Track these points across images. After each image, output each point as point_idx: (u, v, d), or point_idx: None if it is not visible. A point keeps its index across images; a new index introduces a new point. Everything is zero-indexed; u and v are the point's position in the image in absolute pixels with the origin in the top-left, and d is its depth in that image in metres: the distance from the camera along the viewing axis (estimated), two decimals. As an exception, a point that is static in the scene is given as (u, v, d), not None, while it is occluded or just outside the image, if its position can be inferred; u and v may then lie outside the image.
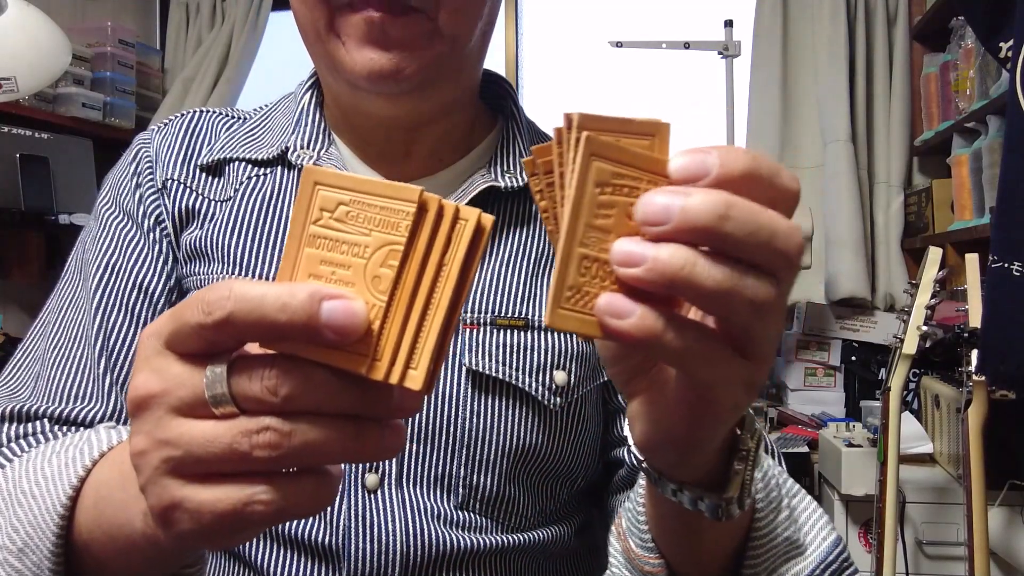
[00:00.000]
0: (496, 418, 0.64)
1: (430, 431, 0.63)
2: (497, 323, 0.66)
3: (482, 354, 0.64)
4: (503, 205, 0.69)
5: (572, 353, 0.67)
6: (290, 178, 0.69)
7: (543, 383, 0.65)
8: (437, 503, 0.64)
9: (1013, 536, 1.69)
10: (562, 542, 0.70)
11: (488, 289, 0.66)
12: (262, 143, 0.71)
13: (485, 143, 0.73)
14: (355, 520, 0.62)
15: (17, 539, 0.46)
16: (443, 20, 0.61)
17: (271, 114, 0.74)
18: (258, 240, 0.67)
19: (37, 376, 0.66)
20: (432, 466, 0.64)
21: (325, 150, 0.68)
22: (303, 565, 0.63)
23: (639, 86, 2.91)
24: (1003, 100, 1.53)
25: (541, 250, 0.69)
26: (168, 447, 0.34)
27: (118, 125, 2.66)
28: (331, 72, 0.65)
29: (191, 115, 0.74)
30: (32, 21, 1.97)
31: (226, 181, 0.70)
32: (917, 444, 1.91)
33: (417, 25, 0.60)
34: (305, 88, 0.73)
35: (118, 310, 0.66)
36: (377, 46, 0.60)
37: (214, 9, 3.00)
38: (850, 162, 2.48)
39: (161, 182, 0.70)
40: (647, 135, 0.35)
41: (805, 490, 0.55)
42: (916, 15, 2.55)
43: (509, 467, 0.65)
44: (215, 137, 0.72)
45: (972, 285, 1.49)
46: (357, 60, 0.61)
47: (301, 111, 0.71)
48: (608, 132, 0.34)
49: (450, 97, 0.68)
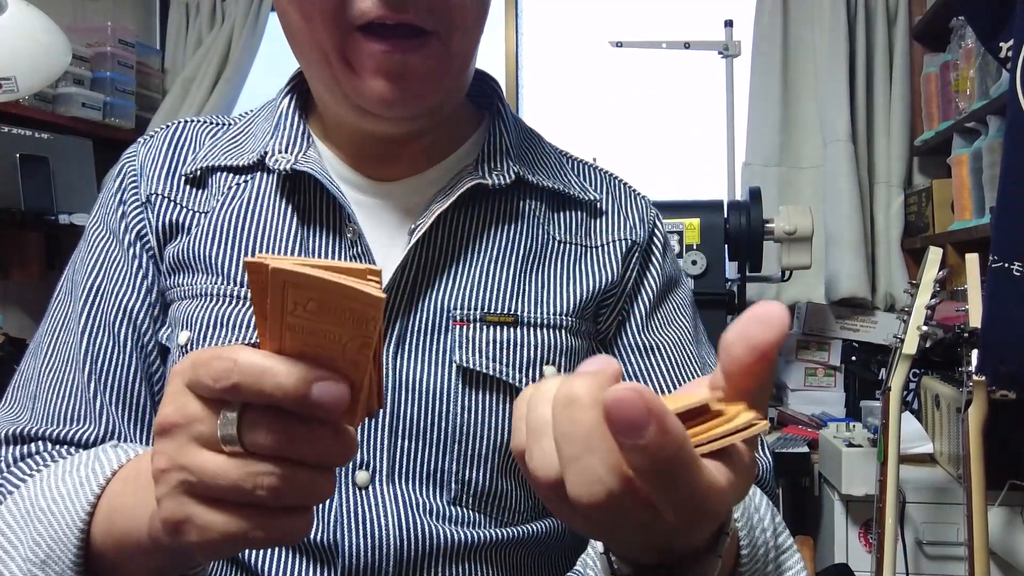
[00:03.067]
0: (487, 413, 0.65)
1: (421, 427, 0.64)
2: (487, 320, 0.66)
3: (472, 351, 0.65)
4: (490, 202, 0.70)
5: (561, 348, 0.67)
6: (269, 183, 0.69)
7: (533, 378, 0.66)
8: (429, 499, 0.64)
9: (1013, 536, 1.69)
10: (556, 534, 0.70)
11: (477, 286, 0.66)
12: (243, 149, 0.71)
13: (471, 141, 0.73)
14: (347, 517, 0.62)
15: (40, 552, 0.52)
16: (455, 42, 0.61)
17: (254, 119, 0.74)
18: (239, 248, 0.67)
19: (34, 398, 0.67)
20: (424, 462, 0.64)
21: (303, 153, 0.68)
22: (297, 563, 0.63)
23: (639, 86, 2.91)
24: (1003, 100, 1.53)
25: (529, 247, 0.69)
26: (185, 471, 0.39)
27: (118, 125, 2.66)
28: (330, 92, 0.65)
29: (176, 126, 0.74)
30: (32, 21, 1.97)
31: (209, 192, 0.70)
32: (917, 444, 1.91)
33: (435, 53, 0.60)
34: (284, 92, 0.73)
35: (103, 333, 0.68)
36: (394, 78, 0.60)
37: (214, 9, 3.00)
38: (850, 162, 2.48)
39: (145, 196, 0.70)
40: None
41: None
42: (916, 15, 2.55)
43: (501, 461, 0.65)
44: (199, 146, 0.72)
45: (972, 285, 1.49)
46: (374, 90, 0.60)
47: (280, 115, 0.71)
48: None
49: (453, 107, 0.69)
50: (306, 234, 0.67)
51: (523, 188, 0.71)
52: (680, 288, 0.78)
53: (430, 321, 0.65)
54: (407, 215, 0.68)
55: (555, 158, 0.76)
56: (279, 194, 0.68)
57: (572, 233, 0.72)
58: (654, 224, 0.76)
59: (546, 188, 0.72)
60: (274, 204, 0.68)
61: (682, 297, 0.77)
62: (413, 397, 0.64)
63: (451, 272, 0.66)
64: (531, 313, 0.67)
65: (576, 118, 2.97)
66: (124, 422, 0.66)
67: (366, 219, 0.67)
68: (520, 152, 0.73)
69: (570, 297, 0.69)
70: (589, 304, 0.70)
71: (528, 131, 0.77)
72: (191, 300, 0.67)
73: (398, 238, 0.67)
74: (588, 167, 0.78)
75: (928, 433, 1.96)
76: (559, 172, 0.75)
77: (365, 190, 0.69)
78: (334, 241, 0.66)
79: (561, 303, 0.68)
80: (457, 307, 0.65)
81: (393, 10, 0.57)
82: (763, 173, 2.59)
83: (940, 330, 1.57)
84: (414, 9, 0.58)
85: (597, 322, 0.72)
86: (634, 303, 0.73)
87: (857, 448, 1.84)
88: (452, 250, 0.67)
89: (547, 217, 0.71)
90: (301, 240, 0.66)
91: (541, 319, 0.67)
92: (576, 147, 0.82)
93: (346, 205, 0.65)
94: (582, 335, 0.70)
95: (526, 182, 0.71)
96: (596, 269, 0.71)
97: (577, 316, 0.69)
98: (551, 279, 0.69)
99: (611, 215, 0.74)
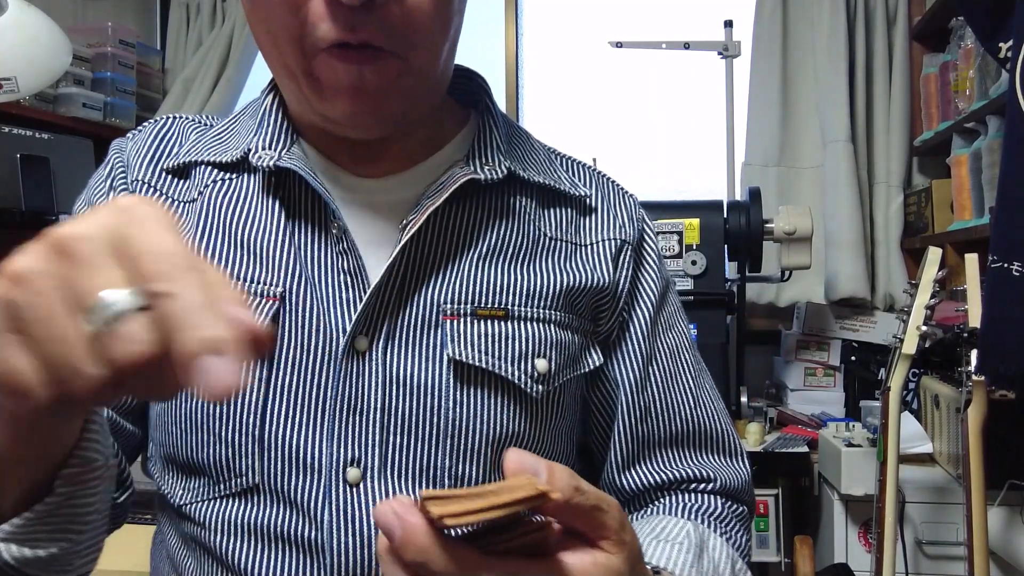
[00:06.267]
0: (479, 407, 0.65)
1: (414, 422, 0.64)
2: (477, 313, 0.66)
3: (464, 344, 0.65)
4: (483, 197, 0.70)
5: (552, 341, 0.68)
6: (255, 179, 0.69)
7: (525, 371, 0.66)
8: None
9: (1013, 536, 1.69)
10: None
11: (467, 281, 0.67)
12: (228, 147, 0.71)
13: (459, 138, 0.73)
14: (337, 514, 0.62)
15: None
16: (413, 59, 0.61)
17: (239, 118, 0.75)
18: (228, 241, 0.67)
19: None
20: (416, 457, 0.64)
21: (287, 150, 0.68)
22: (286, 562, 0.62)
23: (639, 86, 2.91)
24: (1003, 100, 1.54)
25: (520, 243, 0.70)
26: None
27: (118, 125, 2.66)
28: (301, 106, 0.67)
29: (163, 121, 0.75)
30: (32, 21, 1.97)
31: (191, 183, 0.71)
32: (917, 444, 1.91)
33: (392, 69, 0.60)
34: (268, 90, 0.73)
35: None
36: (353, 92, 0.60)
37: (214, 9, 3.00)
38: (850, 162, 2.48)
39: (130, 184, 0.71)
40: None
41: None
42: (916, 15, 2.55)
43: (494, 456, 0.65)
44: (184, 141, 0.73)
45: (972, 285, 1.49)
46: (337, 107, 0.62)
47: (264, 112, 0.71)
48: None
49: (423, 114, 0.69)
50: (294, 228, 0.67)
51: (514, 184, 0.71)
52: (672, 290, 0.79)
53: (420, 316, 0.65)
54: (394, 210, 0.68)
55: (544, 154, 0.77)
56: (265, 191, 0.68)
57: (562, 230, 0.72)
58: (643, 223, 0.77)
59: (536, 184, 0.72)
60: (261, 200, 0.68)
61: (675, 299, 0.79)
62: (404, 392, 0.64)
63: (442, 267, 0.67)
64: (521, 307, 0.67)
65: (576, 118, 2.97)
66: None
67: (352, 215, 0.68)
68: (510, 148, 0.73)
69: (560, 292, 0.69)
70: (579, 299, 0.70)
71: (516, 128, 0.78)
72: None
73: (386, 233, 0.67)
74: (576, 164, 0.79)
75: (928, 433, 1.96)
76: (549, 168, 0.75)
77: (350, 186, 0.69)
78: (321, 236, 0.66)
79: (551, 298, 0.69)
80: (447, 301, 0.66)
81: (348, 31, 0.58)
82: (763, 173, 2.59)
83: (939, 330, 1.58)
84: (368, 30, 0.58)
85: (597, 324, 0.73)
86: (634, 308, 0.74)
87: (857, 448, 1.84)
88: (443, 246, 0.67)
89: (537, 213, 0.72)
90: (290, 235, 0.66)
91: (531, 313, 0.67)
92: (576, 147, 0.82)
93: (330, 201, 0.65)
94: (573, 329, 0.70)
95: (517, 178, 0.71)
96: (586, 268, 0.71)
97: (567, 311, 0.69)
98: (541, 274, 0.69)
99: (600, 212, 0.75)
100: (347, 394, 0.63)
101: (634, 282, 0.74)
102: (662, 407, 0.74)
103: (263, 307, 0.64)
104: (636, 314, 0.74)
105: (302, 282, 0.65)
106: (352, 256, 0.65)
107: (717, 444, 0.76)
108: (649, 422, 0.74)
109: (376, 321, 0.64)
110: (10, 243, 0.43)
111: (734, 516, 0.74)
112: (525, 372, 0.66)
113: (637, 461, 0.74)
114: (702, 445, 0.76)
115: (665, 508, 0.73)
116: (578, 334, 0.71)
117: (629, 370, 0.73)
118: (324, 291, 0.65)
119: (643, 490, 0.75)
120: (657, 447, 0.74)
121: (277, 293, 0.64)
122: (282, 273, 0.65)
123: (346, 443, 0.62)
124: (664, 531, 0.65)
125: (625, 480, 0.75)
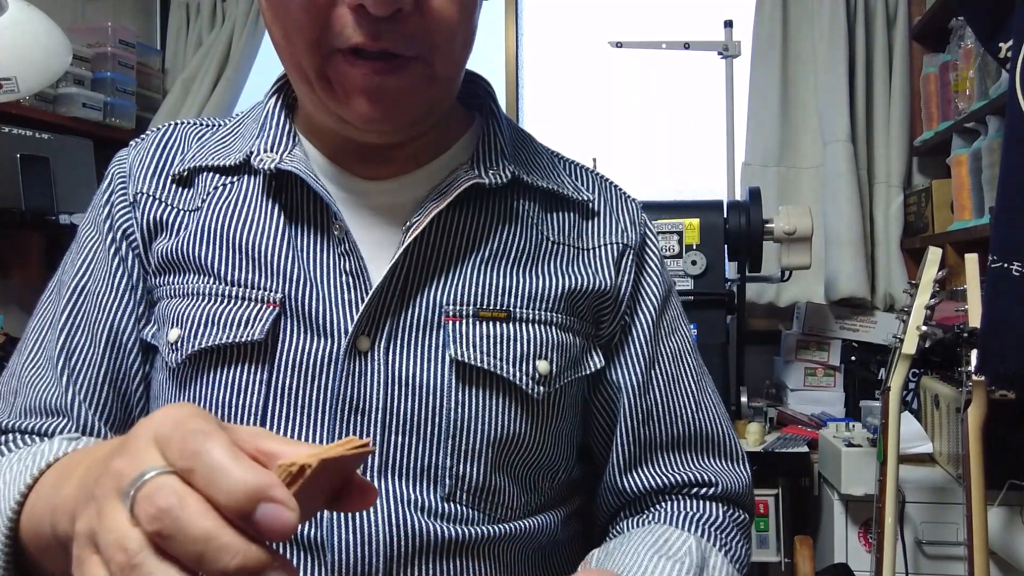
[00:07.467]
0: (481, 408, 0.65)
1: (416, 423, 0.64)
2: (479, 315, 0.66)
3: (466, 345, 0.65)
4: (486, 201, 0.70)
5: (553, 343, 0.68)
6: (256, 183, 0.69)
7: (526, 372, 0.66)
8: (422, 495, 0.64)
9: (1013, 536, 1.69)
10: (549, 531, 0.71)
11: (471, 283, 0.67)
12: (231, 150, 0.71)
13: (463, 141, 0.74)
14: (338, 513, 0.62)
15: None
16: (438, 65, 0.62)
17: (243, 120, 0.75)
18: (229, 247, 0.67)
19: (15, 393, 0.69)
20: (418, 458, 0.64)
21: (288, 153, 0.68)
22: None
23: (639, 86, 2.91)
24: (1003, 100, 1.54)
25: (522, 247, 0.70)
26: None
27: (118, 125, 2.66)
28: (314, 106, 0.66)
29: (166, 129, 0.75)
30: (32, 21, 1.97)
31: (195, 191, 0.71)
32: (917, 444, 1.91)
33: (416, 74, 0.61)
34: (271, 92, 0.73)
35: (81, 332, 0.69)
36: (374, 98, 0.60)
37: (214, 9, 3.00)
38: (850, 162, 2.48)
39: (132, 196, 0.71)
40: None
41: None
42: (916, 15, 2.55)
43: (495, 456, 0.65)
44: (187, 147, 0.73)
45: (972, 285, 1.49)
46: (355, 109, 0.61)
47: (266, 115, 0.71)
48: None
49: (436, 119, 0.69)
50: (294, 232, 0.67)
51: (518, 188, 0.72)
52: (674, 294, 0.80)
53: (422, 317, 0.65)
54: (396, 213, 0.68)
55: (547, 158, 0.77)
56: (266, 194, 0.68)
57: (565, 234, 0.72)
58: (645, 227, 0.77)
59: (540, 188, 0.72)
60: (262, 203, 0.68)
61: (677, 303, 0.79)
62: (407, 393, 0.64)
63: (444, 269, 0.67)
64: (523, 309, 0.67)
65: (576, 118, 2.97)
66: (96, 418, 0.68)
67: (354, 217, 0.68)
68: (514, 152, 0.73)
69: (561, 294, 0.69)
70: (580, 302, 0.71)
71: (520, 132, 0.78)
72: (181, 299, 0.67)
73: (389, 236, 0.68)
74: (579, 168, 0.79)
75: (928, 433, 1.96)
76: (552, 172, 0.75)
77: (352, 188, 0.69)
78: (322, 239, 0.67)
79: (552, 300, 0.69)
80: (449, 303, 0.66)
81: (372, 39, 0.58)
82: (763, 173, 2.59)
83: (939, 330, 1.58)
84: (393, 38, 0.58)
85: (599, 327, 0.73)
86: (636, 312, 0.74)
87: (857, 448, 1.84)
88: (446, 248, 0.67)
89: (540, 217, 0.72)
90: (289, 238, 0.67)
91: (532, 315, 0.68)
92: (576, 148, 0.83)
93: (331, 203, 0.65)
94: (575, 332, 0.70)
95: (521, 182, 0.71)
96: (589, 271, 0.72)
97: (568, 313, 0.70)
98: (543, 277, 0.69)
99: (603, 217, 0.75)
100: (349, 394, 0.63)
101: (636, 286, 0.74)
102: (664, 411, 0.74)
103: (263, 313, 0.64)
104: (638, 318, 0.74)
105: (303, 284, 0.65)
106: (354, 257, 0.65)
107: (719, 448, 0.77)
108: (651, 425, 0.74)
109: (378, 321, 0.64)
110: (10, 243, 0.43)
111: (735, 525, 0.75)
112: (526, 373, 0.66)
113: (639, 464, 0.75)
114: (704, 449, 0.76)
115: (667, 515, 0.73)
116: (579, 337, 0.71)
117: (631, 374, 0.74)
118: (326, 292, 0.65)
119: (645, 492, 0.75)
120: (659, 450, 0.75)
121: (276, 299, 0.65)
122: (282, 277, 0.65)
123: None
124: (666, 545, 0.66)
125: (627, 482, 0.75)
